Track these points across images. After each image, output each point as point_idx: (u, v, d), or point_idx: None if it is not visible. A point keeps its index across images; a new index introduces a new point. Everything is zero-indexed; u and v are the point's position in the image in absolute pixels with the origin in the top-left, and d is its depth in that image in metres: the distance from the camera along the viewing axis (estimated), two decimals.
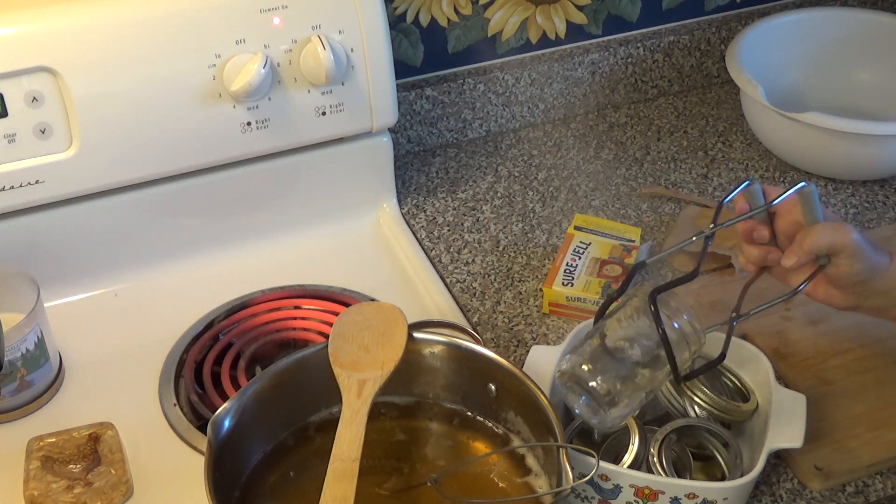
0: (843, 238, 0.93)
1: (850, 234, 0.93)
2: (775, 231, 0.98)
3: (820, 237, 0.93)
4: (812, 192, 0.95)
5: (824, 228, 0.94)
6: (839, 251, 0.93)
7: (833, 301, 0.98)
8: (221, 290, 1.17)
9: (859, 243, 0.93)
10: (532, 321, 1.14)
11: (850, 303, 0.97)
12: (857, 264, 0.94)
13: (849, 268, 0.94)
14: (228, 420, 0.88)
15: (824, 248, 0.93)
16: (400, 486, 0.92)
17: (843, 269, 0.94)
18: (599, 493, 0.92)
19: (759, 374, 0.99)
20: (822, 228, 0.94)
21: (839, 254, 0.93)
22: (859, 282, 0.95)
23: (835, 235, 0.93)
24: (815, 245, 0.93)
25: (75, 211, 1.12)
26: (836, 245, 0.93)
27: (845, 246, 0.93)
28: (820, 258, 0.95)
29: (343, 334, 0.95)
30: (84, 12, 1.05)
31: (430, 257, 1.23)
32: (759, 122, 1.35)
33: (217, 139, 1.13)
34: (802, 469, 0.97)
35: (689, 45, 1.49)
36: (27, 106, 1.05)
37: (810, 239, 0.93)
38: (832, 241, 0.93)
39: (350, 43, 1.14)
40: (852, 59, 1.44)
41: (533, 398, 0.90)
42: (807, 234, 0.94)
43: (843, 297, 0.97)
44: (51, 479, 0.94)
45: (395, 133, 1.36)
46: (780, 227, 0.97)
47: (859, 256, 0.93)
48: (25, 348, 1.01)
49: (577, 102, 1.46)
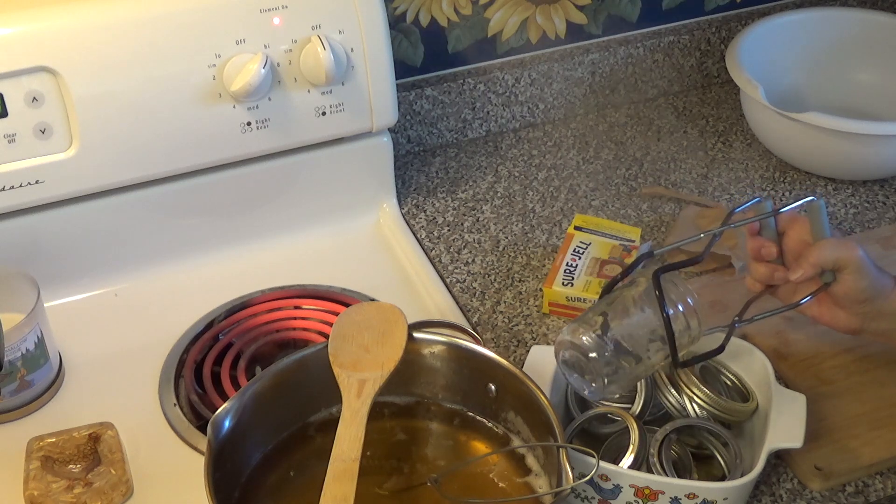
0: (848, 253, 0.94)
1: (855, 249, 0.95)
2: (783, 250, 0.99)
3: (826, 251, 0.94)
4: (820, 206, 0.96)
5: (830, 243, 0.95)
6: (844, 266, 0.94)
7: (838, 323, 0.99)
8: (221, 290, 1.17)
9: (865, 260, 0.95)
10: (532, 321, 1.14)
11: (855, 325, 0.98)
12: (863, 281, 0.94)
13: (854, 284, 0.95)
14: (228, 420, 0.88)
15: (830, 263, 0.95)
16: (400, 486, 0.92)
17: (848, 286, 0.95)
18: (599, 493, 0.92)
19: (759, 374, 0.99)
20: (829, 243, 0.95)
21: (844, 269, 0.95)
22: (864, 300, 0.96)
23: (841, 250, 0.94)
24: (822, 259, 0.94)
25: (75, 211, 1.12)
26: (841, 260, 0.94)
27: (850, 261, 0.94)
28: (825, 275, 0.96)
29: (343, 334, 0.95)
30: (84, 12, 1.05)
31: (430, 257, 1.23)
32: (759, 122, 1.35)
33: (217, 139, 1.13)
34: (802, 469, 0.97)
35: (689, 45, 1.49)
36: (27, 106, 1.05)
37: (816, 253, 0.95)
38: (838, 256, 0.94)
39: (350, 43, 1.14)
40: (852, 59, 1.44)
41: (533, 398, 0.90)
42: (813, 249, 0.95)
43: (848, 318, 0.98)
44: (51, 479, 0.94)
45: (395, 133, 1.36)
46: (788, 245, 0.98)
47: (864, 273, 0.94)
48: (25, 348, 1.01)
49: (577, 102, 1.46)
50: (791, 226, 0.98)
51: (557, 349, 0.94)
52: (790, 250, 0.98)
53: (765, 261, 0.99)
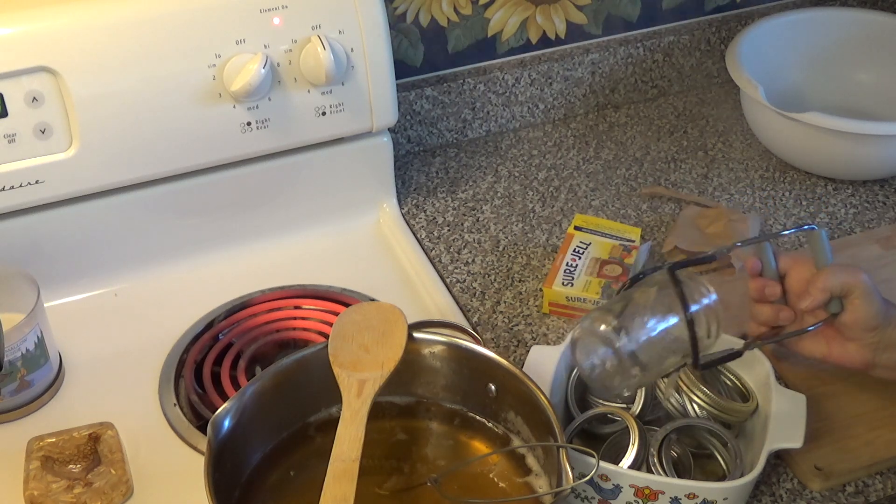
0: (854, 278, 0.94)
1: (861, 273, 0.94)
2: (785, 290, 0.98)
3: (834, 276, 0.94)
4: (821, 235, 0.96)
5: (837, 268, 0.95)
6: (852, 291, 0.94)
7: (849, 357, 0.97)
8: (221, 290, 1.17)
9: (870, 284, 0.94)
10: (532, 321, 1.14)
11: (866, 357, 0.96)
12: (872, 306, 0.94)
13: (864, 309, 0.94)
14: (228, 420, 0.88)
15: (838, 287, 0.94)
16: (400, 486, 0.92)
17: (858, 313, 0.94)
18: (599, 493, 0.92)
19: (759, 374, 0.99)
20: (836, 268, 0.95)
21: (852, 294, 0.94)
22: (874, 327, 0.94)
23: (848, 274, 0.94)
24: (830, 283, 0.94)
25: (75, 211, 1.12)
26: (849, 284, 0.94)
27: (858, 285, 0.94)
28: (831, 305, 0.95)
29: (343, 334, 0.95)
30: (84, 12, 1.05)
31: (430, 257, 1.23)
32: (759, 122, 1.35)
33: (217, 139, 1.13)
34: (802, 469, 0.97)
35: (689, 45, 1.49)
36: (27, 106, 1.05)
37: (824, 278, 0.94)
38: (845, 280, 0.94)
39: (350, 43, 1.14)
40: (852, 59, 1.44)
41: (533, 398, 0.90)
42: (820, 275, 0.94)
43: (859, 351, 0.96)
44: (51, 479, 0.94)
45: (395, 133, 1.36)
46: (791, 285, 0.97)
47: (872, 297, 0.94)
48: (25, 348, 1.01)
49: (577, 102, 1.46)
50: (793, 266, 0.97)
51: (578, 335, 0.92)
52: (793, 290, 0.97)
53: (768, 302, 0.98)
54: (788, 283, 0.98)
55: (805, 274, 0.96)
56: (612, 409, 0.97)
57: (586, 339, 0.91)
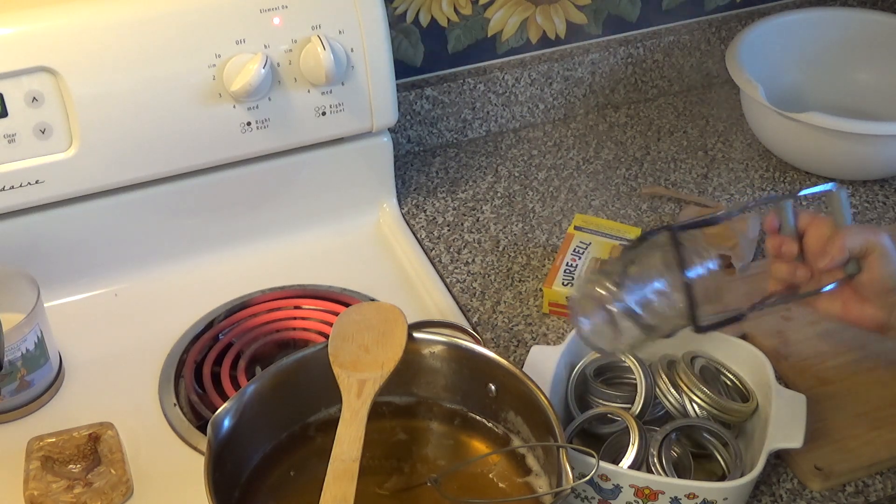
0: (874, 237, 0.93)
1: (881, 234, 0.93)
2: (803, 249, 0.96)
3: (853, 235, 0.93)
4: (841, 196, 0.95)
5: (857, 228, 0.94)
6: (871, 251, 0.93)
7: (865, 318, 0.96)
8: (221, 290, 1.17)
9: (890, 245, 0.93)
10: (532, 321, 1.14)
11: (881, 319, 0.95)
12: (890, 266, 0.93)
13: (882, 269, 0.93)
14: (228, 420, 0.88)
15: (857, 247, 0.93)
16: (400, 486, 0.92)
17: (875, 272, 0.93)
18: (599, 493, 0.92)
19: (759, 374, 0.99)
20: (855, 228, 0.94)
21: (871, 255, 0.93)
22: (892, 289, 0.93)
23: (866, 234, 0.93)
24: (849, 243, 0.93)
25: (75, 211, 1.12)
26: (868, 244, 0.93)
27: (876, 245, 0.93)
28: (849, 266, 0.94)
29: (343, 334, 0.95)
30: (84, 12, 1.05)
31: (430, 257, 1.23)
32: (759, 122, 1.35)
33: (217, 139, 1.13)
34: (802, 469, 0.97)
35: (689, 45, 1.49)
36: (27, 106, 1.05)
37: (843, 237, 0.93)
38: (865, 239, 0.93)
39: (350, 43, 1.14)
40: (852, 59, 1.44)
41: (533, 398, 0.90)
42: (840, 234, 0.93)
43: (875, 311, 0.95)
44: (51, 479, 0.94)
45: (395, 133, 1.36)
46: (809, 244, 0.96)
47: (891, 258, 0.93)
48: (25, 348, 1.01)
49: (577, 102, 1.46)
50: (811, 224, 0.96)
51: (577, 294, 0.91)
52: (811, 249, 0.95)
53: (786, 259, 0.96)
54: (807, 242, 0.96)
55: (824, 233, 0.94)
56: (612, 409, 0.97)
57: (585, 300, 0.90)
